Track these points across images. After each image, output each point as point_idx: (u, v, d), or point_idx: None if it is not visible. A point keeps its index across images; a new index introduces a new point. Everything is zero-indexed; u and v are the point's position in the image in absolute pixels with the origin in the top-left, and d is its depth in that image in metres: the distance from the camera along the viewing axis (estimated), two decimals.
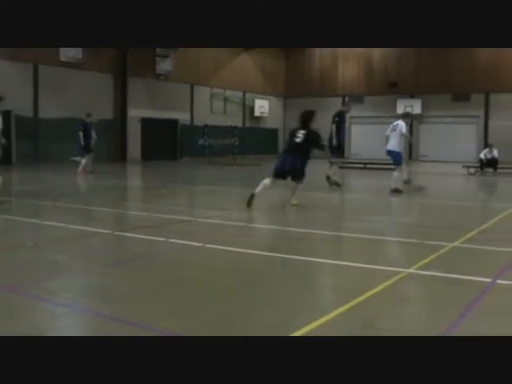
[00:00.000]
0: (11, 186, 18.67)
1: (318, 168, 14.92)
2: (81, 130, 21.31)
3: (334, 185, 15.71)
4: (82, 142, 21.11)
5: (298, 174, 11.48)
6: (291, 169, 11.35)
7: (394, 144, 14.65)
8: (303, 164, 11.55)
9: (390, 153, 14.84)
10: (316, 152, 11.98)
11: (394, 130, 14.73)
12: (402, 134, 14.66)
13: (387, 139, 14.86)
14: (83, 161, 20.81)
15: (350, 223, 10.04)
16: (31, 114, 27.77)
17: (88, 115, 21.67)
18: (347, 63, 41.04)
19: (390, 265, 6.40)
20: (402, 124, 14.72)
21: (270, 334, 4.02)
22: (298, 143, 11.50)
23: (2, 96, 11.96)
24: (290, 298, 5.17)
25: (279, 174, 11.49)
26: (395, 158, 14.75)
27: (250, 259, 6.85)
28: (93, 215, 10.40)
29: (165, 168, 26.83)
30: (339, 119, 16.58)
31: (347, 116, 18.80)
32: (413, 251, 7.54)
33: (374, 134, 35.90)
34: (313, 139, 11.65)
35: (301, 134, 11.56)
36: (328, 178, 15.89)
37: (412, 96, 37.93)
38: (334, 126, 16.43)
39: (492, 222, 9.98)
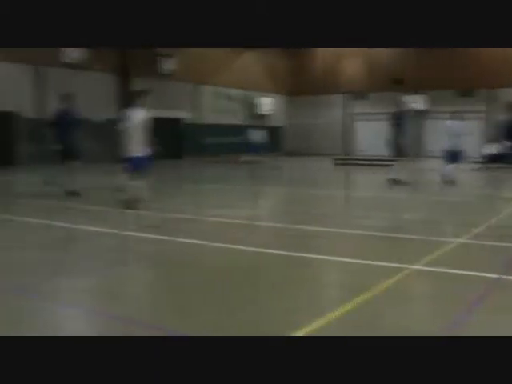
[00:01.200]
0: (17, 187, 18.73)
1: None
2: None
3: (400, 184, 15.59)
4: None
5: None
6: None
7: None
8: None
9: None
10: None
11: None
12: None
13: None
14: None
15: (355, 220, 10.01)
16: (34, 116, 27.82)
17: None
18: (350, 60, 40.93)
19: (395, 261, 6.39)
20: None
21: (271, 333, 4.01)
22: None
23: (69, 94, 13.09)
24: (293, 297, 5.15)
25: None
26: None
27: (254, 257, 6.85)
28: (99, 215, 10.41)
29: (168, 167, 26.81)
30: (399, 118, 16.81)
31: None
32: (419, 247, 7.52)
33: (378, 131, 35.83)
34: None
35: None
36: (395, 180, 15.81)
37: (416, 92, 37.78)
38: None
39: (498, 217, 9.95)
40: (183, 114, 34.87)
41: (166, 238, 7.90)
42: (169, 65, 33.42)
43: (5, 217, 10.20)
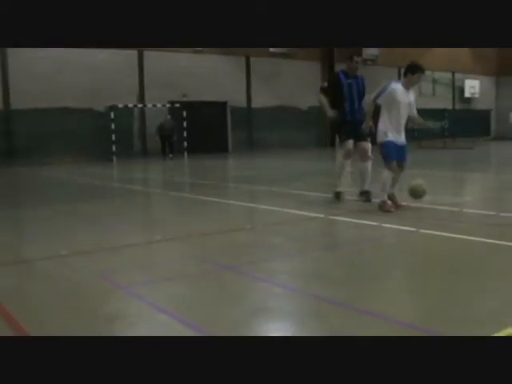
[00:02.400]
0: (228, 172, 19.76)
1: None
2: None
3: None
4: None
5: None
6: None
7: None
8: None
9: None
10: None
11: None
12: None
13: None
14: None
15: None
16: (244, 105, 29.06)
17: None
18: None
19: None
20: None
21: (472, 330, 3.86)
22: None
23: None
24: (504, 290, 4.90)
25: None
26: None
27: (464, 245, 6.60)
28: (305, 199, 10.65)
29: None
30: None
31: None
32: None
33: None
34: None
35: None
36: None
37: None
38: None
39: None
40: None
41: (373, 223, 7.90)
42: (373, 50, 33.19)
43: (214, 199, 10.83)
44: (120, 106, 24.60)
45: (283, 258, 6.22)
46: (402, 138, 9.04)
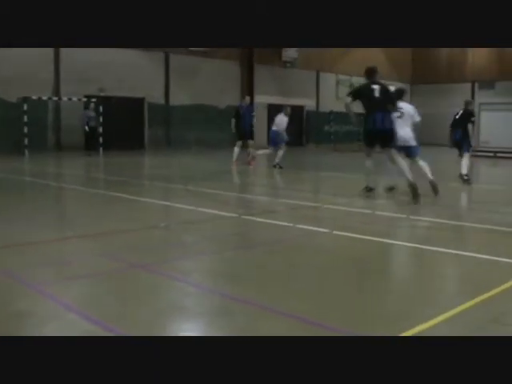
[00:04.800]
0: (144, 169, 19.53)
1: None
2: (233, 116, 19.47)
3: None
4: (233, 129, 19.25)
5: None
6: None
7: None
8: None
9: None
10: None
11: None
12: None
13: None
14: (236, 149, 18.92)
15: (480, 214, 9.69)
16: (162, 101, 28.80)
17: (243, 97, 20.36)
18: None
19: None
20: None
21: (382, 328, 3.99)
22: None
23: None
24: (412, 290, 5.08)
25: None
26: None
27: (375, 247, 6.79)
28: (220, 199, 10.67)
29: (291, 154, 27.00)
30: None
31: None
32: None
33: (506, 122, 34.66)
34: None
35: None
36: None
37: None
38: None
39: None
40: (305, 102, 35.01)
41: (287, 224, 7.99)
42: (291, 53, 33.57)
43: (129, 197, 10.70)
44: (34, 97, 23.85)
45: (196, 256, 6.21)
46: None
